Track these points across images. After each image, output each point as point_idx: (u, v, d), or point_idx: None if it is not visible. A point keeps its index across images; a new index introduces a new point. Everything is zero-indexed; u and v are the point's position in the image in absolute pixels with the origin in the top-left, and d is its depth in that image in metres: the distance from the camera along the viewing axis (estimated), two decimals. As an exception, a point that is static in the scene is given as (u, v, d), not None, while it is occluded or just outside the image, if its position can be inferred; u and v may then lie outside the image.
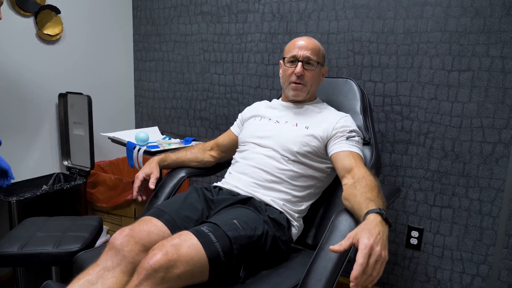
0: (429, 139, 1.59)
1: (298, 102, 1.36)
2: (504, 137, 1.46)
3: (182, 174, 1.41)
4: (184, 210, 1.13)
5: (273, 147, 1.27)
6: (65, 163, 2.00)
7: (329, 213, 1.32)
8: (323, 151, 1.25)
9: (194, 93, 2.19)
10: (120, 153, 2.33)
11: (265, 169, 1.24)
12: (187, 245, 0.90)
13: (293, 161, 1.24)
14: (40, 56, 1.87)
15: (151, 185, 1.31)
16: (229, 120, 2.09)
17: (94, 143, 1.93)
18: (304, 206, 1.26)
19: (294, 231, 1.23)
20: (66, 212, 1.78)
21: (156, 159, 1.40)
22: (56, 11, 1.89)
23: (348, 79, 1.47)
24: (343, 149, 1.19)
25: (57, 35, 1.91)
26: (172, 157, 1.44)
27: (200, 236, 0.93)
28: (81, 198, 1.86)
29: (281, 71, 1.36)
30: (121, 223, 2.01)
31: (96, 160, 2.16)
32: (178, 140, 1.94)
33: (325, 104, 1.39)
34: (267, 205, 1.19)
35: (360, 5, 1.66)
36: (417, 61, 1.58)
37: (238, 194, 1.23)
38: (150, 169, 1.35)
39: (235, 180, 1.28)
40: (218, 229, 0.98)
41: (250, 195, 1.21)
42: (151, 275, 0.84)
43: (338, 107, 1.42)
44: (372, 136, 1.36)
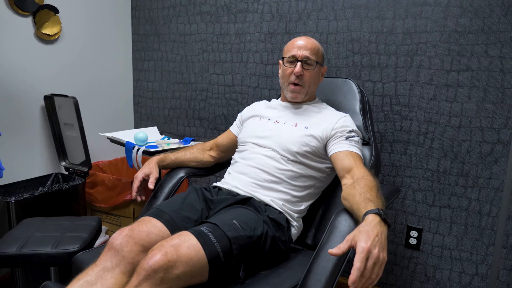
0: (428, 139, 1.60)
1: (297, 102, 1.36)
2: (503, 137, 1.46)
3: (181, 174, 1.41)
4: (184, 211, 1.13)
5: (272, 147, 1.26)
6: (63, 163, 1.99)
7: (328, 213, 1.32)
8: (322, 151, 1.25)
9: (193, 93, 2.19)
10: (119, 153, 2.32)
11: (264, 169, 1.24)
12: (186, 245, 0.90)
13: (292, 161, 1.24)
14: (38, 56, 1.87)
15: (150, 185, 1.31)
16: (228, 120, 2.09)
17: (90, 144, 1.92)
18: (303, 206, 1.26)
19: (294, 231, 1.23)
20: (64, 212, 1.77)
21: (155, 159, 1.40)
22: (55, 10, 1.88)
23: (347, 79, 1.47)
24: (343, 149, 1.19)
25: (55, 34, 1.91)
26: (171, 157, 1.44)
27: (199, 236, 0.93)
28: (79, 199, 1.86)
29: (280, 71, 1.36)
30: (120, 223, 2.01)
31: (95, 160, 2.16)
32: (177, 140, 1.93)
33: (324, 104, 1.39)
34: (266, 205, 1.19)
35: (359, 5, 1.66)
36: (416, 61, 1.58)
37: (238, 194, 1.23)
38: (149, 169, 1.35)
39: (234, 180, 1.28)
40: (217, 229, 0.98)
41: (249, 195, 1.21)
42: (151, 276, 0.84)
43: (337, 107, 1.42)
44: (371, 136, 1.36)
